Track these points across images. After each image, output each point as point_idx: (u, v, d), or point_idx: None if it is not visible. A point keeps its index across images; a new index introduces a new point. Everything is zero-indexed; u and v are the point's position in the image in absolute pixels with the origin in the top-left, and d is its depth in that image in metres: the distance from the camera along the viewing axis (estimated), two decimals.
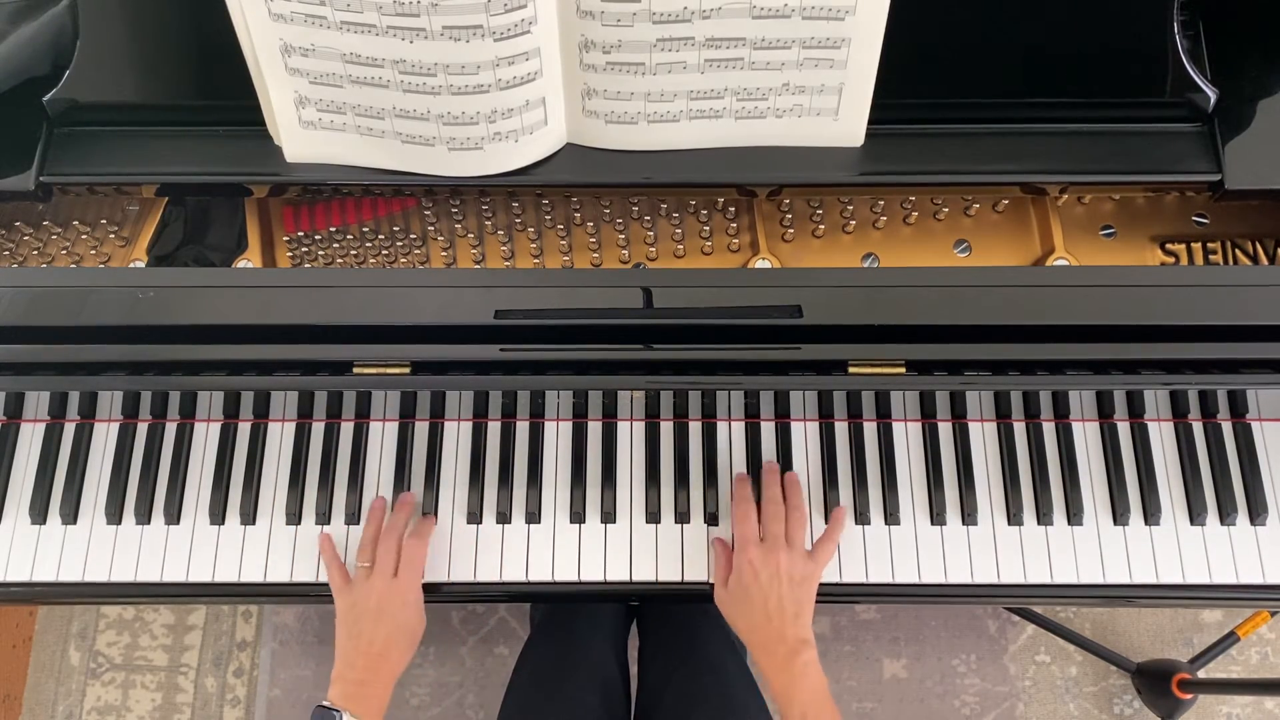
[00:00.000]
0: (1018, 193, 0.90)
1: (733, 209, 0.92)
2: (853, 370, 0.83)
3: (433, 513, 0.96)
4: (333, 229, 0.92)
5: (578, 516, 0.96)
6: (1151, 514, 0.94)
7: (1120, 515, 0.94)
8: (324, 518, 0.96)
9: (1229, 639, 1.59)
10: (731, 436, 0.98)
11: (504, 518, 0.96)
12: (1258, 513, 0.94)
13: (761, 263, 0.90)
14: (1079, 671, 1.70)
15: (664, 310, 0.80)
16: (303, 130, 0.81)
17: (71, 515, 0.97)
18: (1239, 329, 0.79)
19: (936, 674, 1.69)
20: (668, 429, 0.98)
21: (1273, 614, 1.61)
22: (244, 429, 1.00)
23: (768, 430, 0.98)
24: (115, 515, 0.97)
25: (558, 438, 0.98)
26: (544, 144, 0.81)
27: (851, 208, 0.91)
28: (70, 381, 0.94)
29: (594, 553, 0.95)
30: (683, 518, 0.95)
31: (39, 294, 0.81)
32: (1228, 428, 0.97)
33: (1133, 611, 1.70)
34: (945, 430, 0.98)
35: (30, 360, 0.84)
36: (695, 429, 0.98)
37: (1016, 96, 0.82)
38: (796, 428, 0.98)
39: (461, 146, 0.79)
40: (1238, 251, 0.90)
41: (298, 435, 0.99)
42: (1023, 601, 1.45)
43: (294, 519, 0.97)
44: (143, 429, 1.00)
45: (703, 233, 0.92)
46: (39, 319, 0.81)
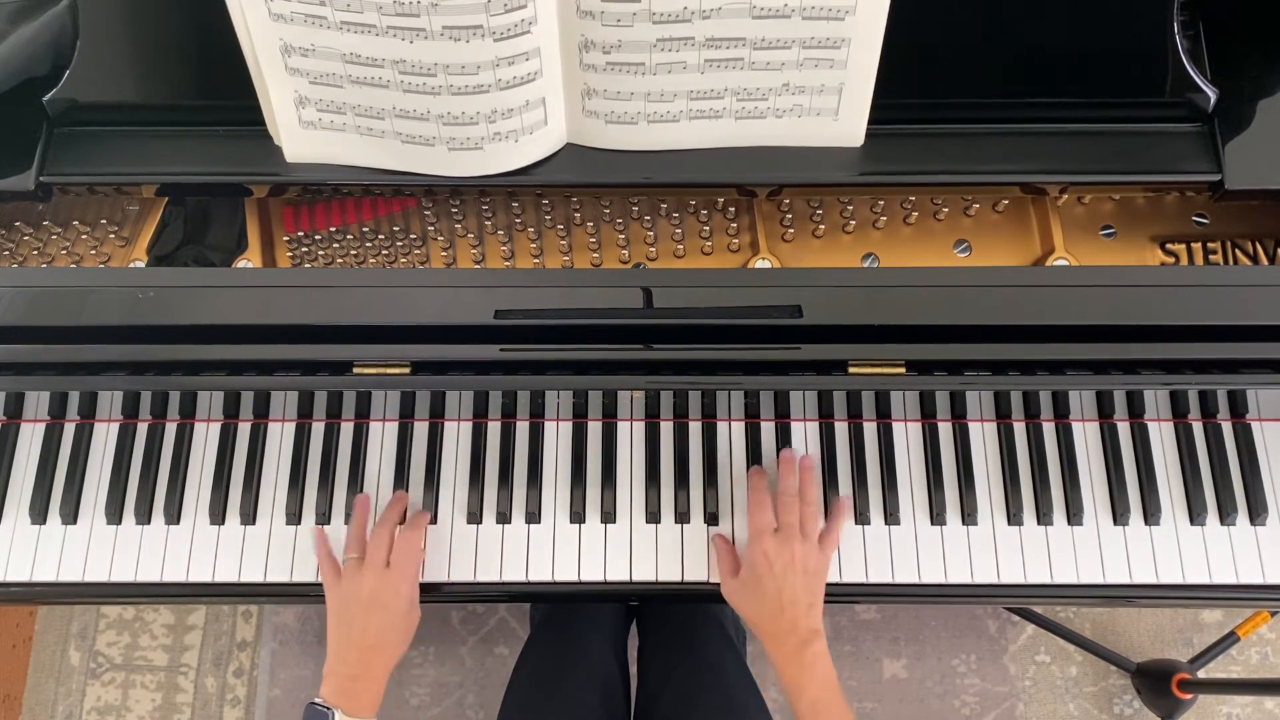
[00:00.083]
0: (1018, 193, 0.90)
1: (733, 209, 0.92)
2: (853, 370, 0.83)
3: (432, 512, 0.96)
4: (333, 229, 0.92)
5: (578, 516, 0.96)
6: (1151, 514, 0.94)
7: (1120, 515, 0.94)
8: (324, 518, 0.96)
9: (1229, 639, 1.59)
10: (731, 436, 0.98)
11: (504, 518, 0.96)
12: (1258, 513, 0.94)
13: (761, 263, 0.90)
14: (1079, 671, 1.70)
15: (664, 310, 0.80)
16: (303, 130, 0.81)
17: (71, 515, 0.97)
18: (1239, 329, 0.79)
19: (936, 674, 1.69)
20: (668, 429, 0.98)
21: (1273, 614, 1.61)
22: (244, 429, 1.00)
23: (768, 430, 0.98)
24: (115, 515, 0.97)
25: (558, 438, 0.98)
26: (544, 144, 0.81)
27: (851, 208, 0.91)
28: (70, 381, 0.94)
29: (594, 553, 0.95)
30: (683, 518, 0.95)
31: (39, 294, 0.81)
32: (1228, 428, 0.97)
33: (1133, 611, 1.70)
34: (945, 430, 0.98)
35: (30, 360, 0.84)
36: (695, 429, 0.98)
37: (1017, 96, 0.82)
38: (796, 428, 0.98)
39: (461, 146, 0.79)
40: (1238, 251, 0.90)
41: (298, 435, 0.99)
42: (1023, 601, 1.45)
43: (294, 519, 0.97)
44: (143, 429, 1.00)
45: (703, 233, 0.92)
46: (39, 319, 0.81)
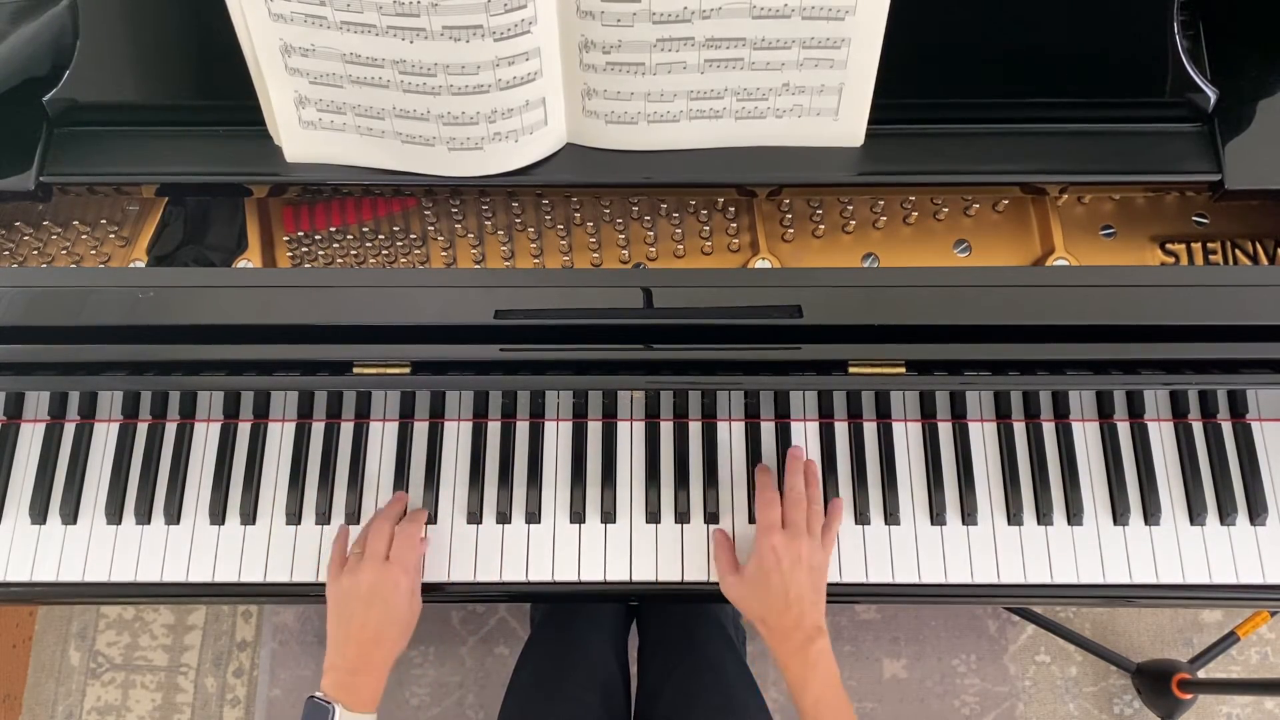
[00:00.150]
0: (1018, 193, 0.90)
1: (733, 209, 0.92)
2: (853, 370, 0.83)
3: (432, 512, 0.96)
4: (333, 229, 0.92)
5: (578, 516, 0.96)
6: (1151, 514, 0.94)
7: (1120, 515, 0.94)
8: (324, 518, 0.96)
9: (1229, 639, 1.59)
10: (732, 436, 0.98)
11: (504, 518, 0.96)
12: (1258, 513, 0.94)
13: (761, 263, 0.90)
14: (1079, 671, 1.70)
15: (664, 310, 0.80)
16: (303, 130, 0.81)
17: (71, 515, 0.97)
18: (1239, 329, 0.79)
19: (936, 674, 1.69)
20: (668, 429, 0.98)
21: (1273, 614, 1.61)
22: (244, 429, 1.00)
23: (768, 430, 0.98)
24: (115, 515, 0.97)
25: (558, 438, 0.98)
26: (544, 144, 0.81)
27: (851, 208, 0.91)
28: (70, 381, 0.94)
29: (594, 553, 0.95)
30: (683, 518, 0.95)
31: (39, 294, 0.81)
32: (1228, 428, 0.97)
33: (1133, 611, 1.70)
34: (945, 430, 0.98)
35: (30, 360, 0.84)
36: (695, 429, 0.98)
37: (1016, 96, 0.82)
38: (796, 428, 0.98)
39: (461, 146, 0.79)
40: (1238, 251, 0.90)
41: (298, 435, 0.99)
42: (1023, 601, 1.45)
43: (294, 519, 0.97)
44: (143, 429, 1.00)
45: (703, 233, 0.92)
46: (39, 319, 0.81)
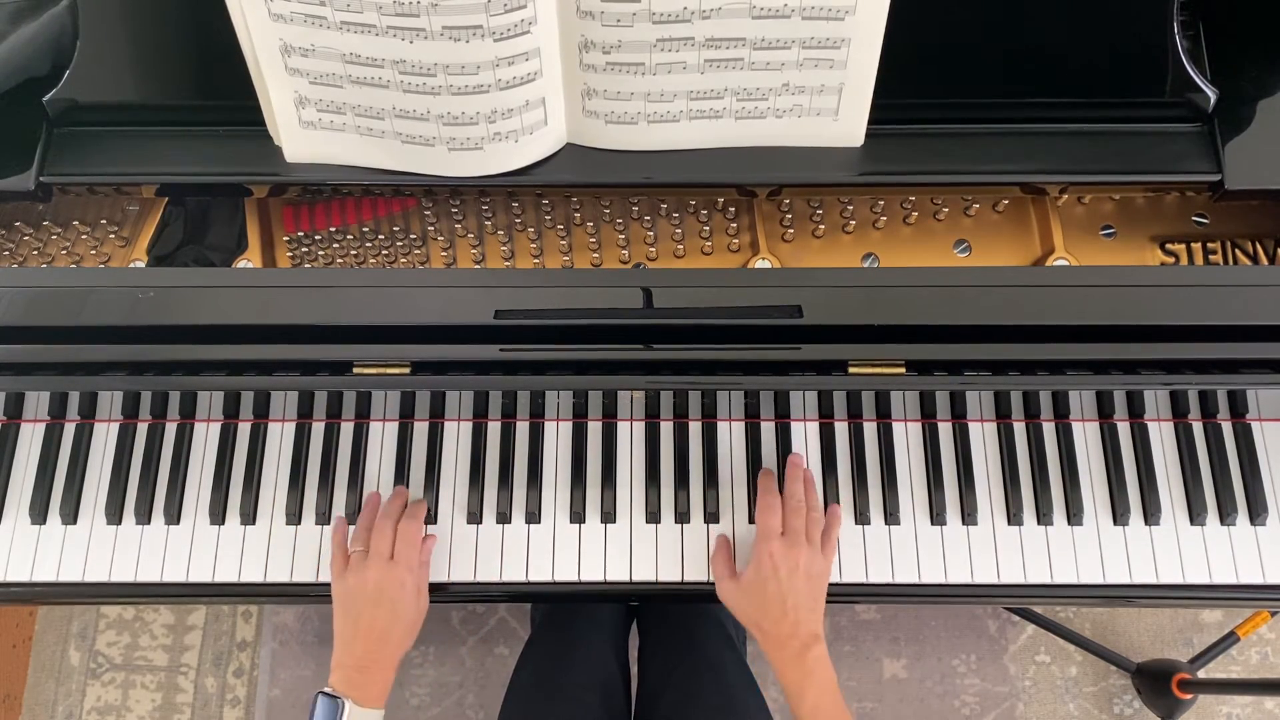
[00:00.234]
0: (1018, 193, 0.90)
1: (733, 209, 0.92)
2: (853, 370, 0.83)
3: (432, 513, 0.96)
4: (333, 229, 0.92)
5: (578, 516, 0.96)
6: (1151, 514, 0.94)
7: (1120, 515, 0.94)
8: (324, 518, 0.96)
9: (1229, 639, 1.59)
10: (731, 436, 0.98)
11: (504, 518, 0.96)
12: (1258, 513, 0.94)
13: (761, 263, 0.90)
14: (1079, 671, 1.70)
15: (664, 310, 0.80)
16: (303, 130, 0.81)
17: (71, 515, 0.97)
18: (1239, 329, 0.79)
19: (936, 674, 1.69)
20: (668, 429, 0.98)
21: (1273, 614, 1.61)
22: (244, 429, 1.00)
23: (768, 430, 0.98)
24: (115, 515, 0.97)
25: (558, 438, 0.98)
26: (544, 144, 0.81)
27: (851, 208, 0.91)
28: (70, 381, 0.94)
29: (594, 553, 0.95)
30: (683, 518, 0.95)
31: (39, 294, 0.81)
32: (1228, 428, 0.97)
33: (1133, 611, 1.70)
34: (945, 430, 0.98)
35: (30, 360, 0.84)
36: (695, 429, 0.98)
37: (1016, 97, 0.82)
38: (796, 428, 0.98)
39: (461, 147, 0.79)
40: (1238, 251, 0.90)
41: (298, 435, 0.99)
42: (1023, 601, 1.45)
43: (294, 519, 0.97)
44: (143, 429, 1.00)
45: (703, 233, 0.92)
46: (39, 319, 0.81)
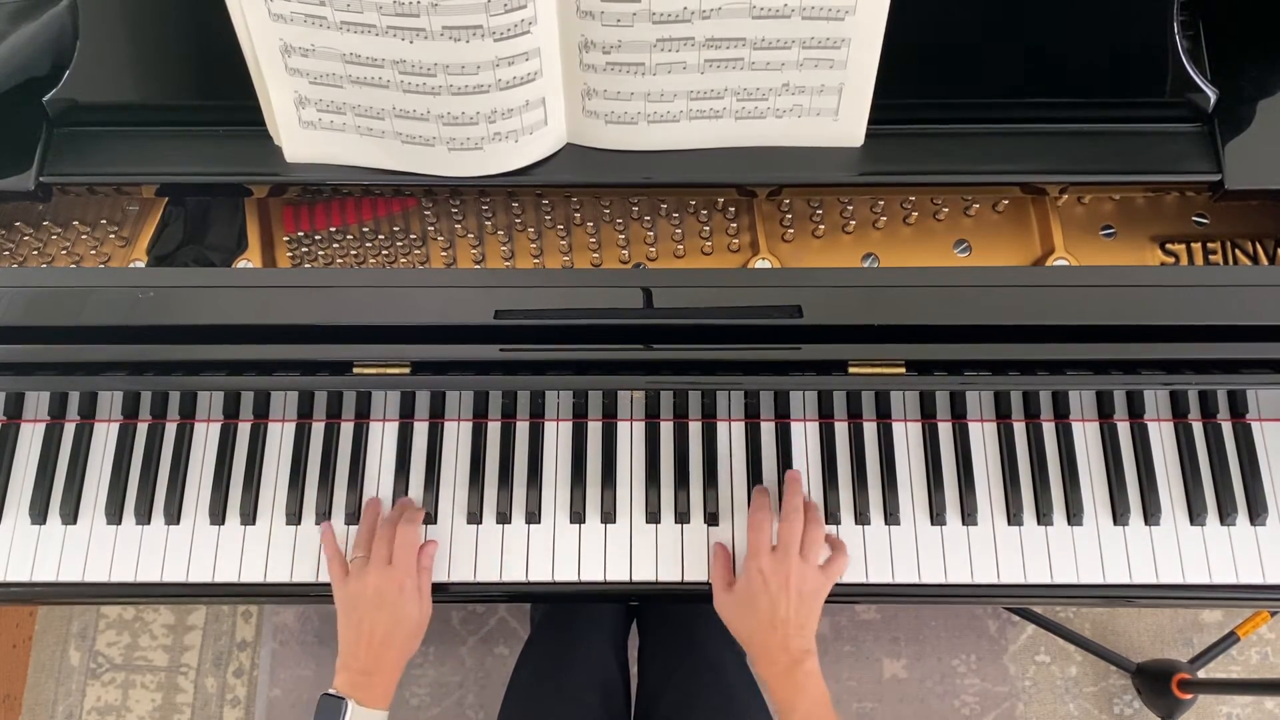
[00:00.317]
0: (1018, 193, 0.90)
1: (733, 209, 0.92)
2: (853, 370, 0.83)
3: (432, 512, 0.96)
4: (333, 229, 0.92)
5: (578, 516, 0.96)
6: (1151, 514, 0.94)
7: (1120, 515, 0.94)
8: (324, 518, 0.96)
9: (1229, 639, 1.59)
10: (731, 436, 0.98)
11: (504, 518, 0.96)
12: (1258, 513, 0.94)
13: (761, 263, 0.90)
14: (1079, 671, 1.70)
15: (664, 310, 0.80)
16: (303, 130, 0.81)
17: (71, 515, 0.97)
18: (1239, 329, 0.79)
19: (936, 674, 1.69)
20: (668, 429, 0.98)
21: (1273, 614, 1.61)
22: (244, 429, 1.00)
23: (768, 430, 0.98)
24: (115, 515, 0.97)
25: (558, 438, 0.98)
26: (544, 144, 0.81)
27: (851, 208, 0.91)
28: (70, 381, 0.94)
29: (594, 553, 0.95)
30: (683, 518, 0.95)
31: (39, 294, 0.81)
32: (1228, 428, 0.97)
33: (1133, 611, 1.70)
34: (945, 430, 0.98)
35: (30, 360, 0.84)
36: (695, 429, 0.98)
37: (1016, 96, 0.82)
38: (796, 428, 0.98)
39: (461, 147, 0.79)
40: (1238, 251, 0.90)
41: (298, 435, 0.99)
42: (1023, 601, 1.45)
43: (294, 519, 0.97)
44: (143, 429, 1.00)
45: (703, 233, 0.92)
46: (39, 319, 0.81)
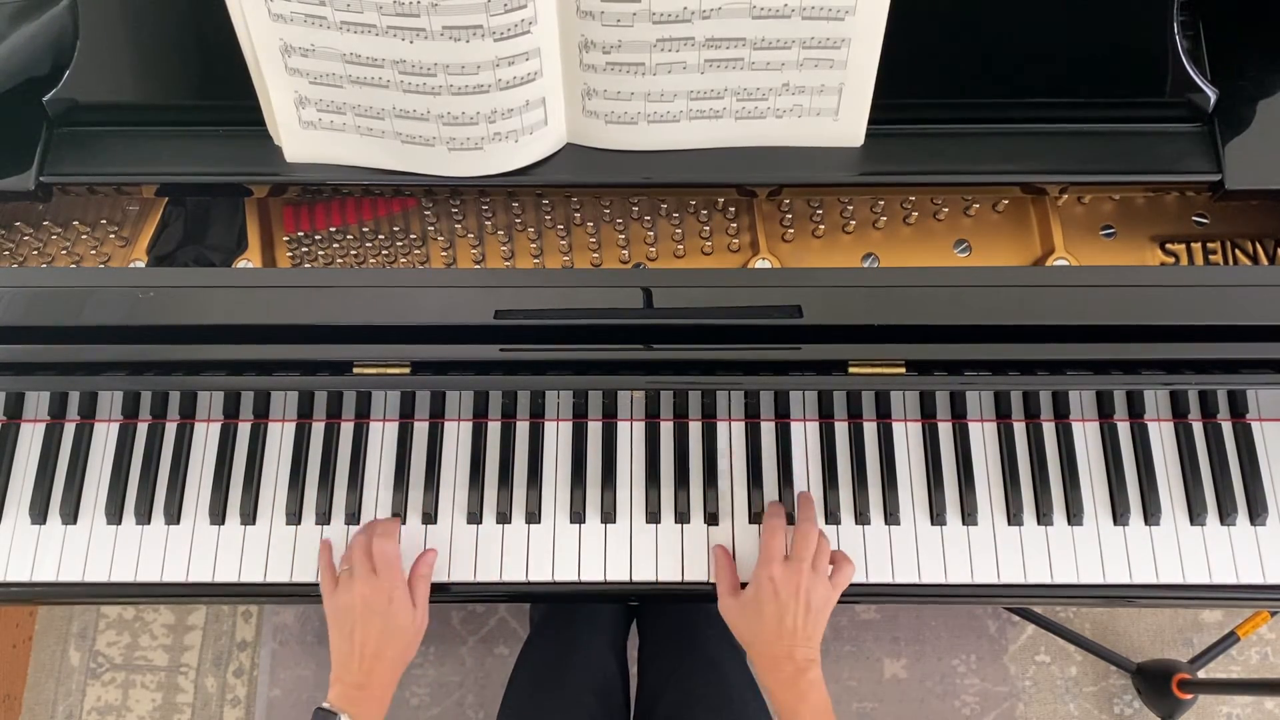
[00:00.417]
0: (1018, 193, 0.90)
1: (733, 209, 0.92)
2: (853, 370, 0.83)
3: (433, 512, 0.96)
4: (333, 229, 0.92)
5: (578, 516, 0.96)
6: (1151, 514, 0.94)
7: (1120, 515, 0.94)
8: (324, 518, 0.96)
9: (1229, 639, 1.59)
10: (731, 436, 0.98)
11: (504, 518, 0.96)
12: (1258, 513, 0.94)
13: (761, 263, 0.90)
14: (1079, 671, 1.70)
15: (664, 310, 0.80)
16: (303, 130, 0.81)
17: (71, 515, 0.97)
18: (1239, 329, 0.79)
19: (936, 674, 1.69)
20: (668, 429, 0.98)
21: (1273, 614, 1.61)
22: (244, 429, 1.00)
23: (768, 430, 0.98)
24: (115, 515, 0.97)
25: (558, 438, 0.98)
26: (544, 144, 0.81)
27: (851, 208, 0.91)
28: (70, 381, 0.94)
29: (594, 553, 0.95)
30: (683, 518, 0.95)
31: (39, 294, 0.81)
32: (1228, 428, 0.97)
33: (1133, 611, 1.70)
34: (945, 430, 0.98)
35: (30, 360, 0.84)
36: (695, 429, 0.98)
37: (1016, 96, 0.82)
38: (796, 428, 0.98)
39: (461, 147, 0.79)
40: (1238, 251, 0.90)
41: (298, 435, 0.99)
42: (1023, 601, 1.45)
43: (294, 519, 0.97)
44: (143, 429, 1.00)
45: (703, 233, 0.92)
46: (39, 319, 0.81)
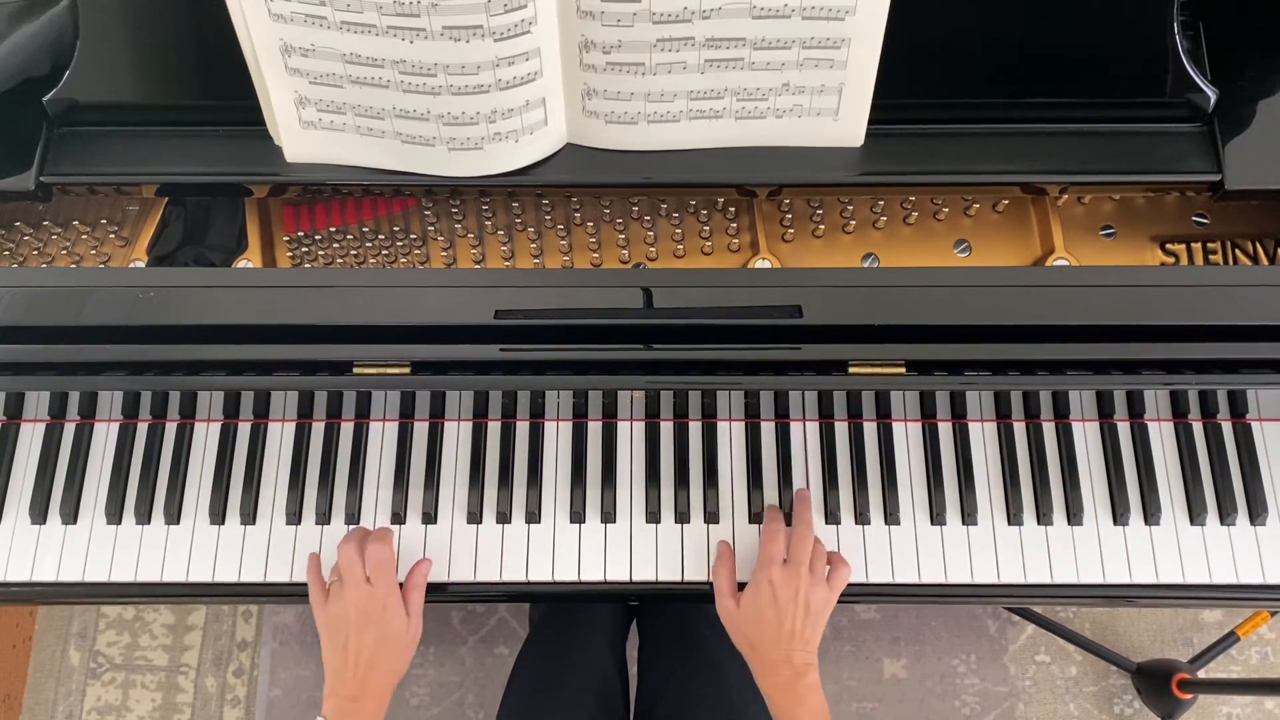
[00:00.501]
0: (1018, 193, 0.90)
1: (733, 209, 0.92)
2: (853, 370, 0.83)
3: (433, 512, 0.96)
4: (333, 229, 0.92)
5: (578, 516, 0.96)
6: (1151, 514, 0.94)
7: (1120, 515, 0.94)
8: (324, 518, 0.96)
9: (1229, 639, 1.59)
10: (731, 436, 0.98)
11: (504, 518, 0.96)
12: (1258, 513, 0.94)
13: (761, 263, 0.90)
14: (1079, 671, 1.70)
15: (664, 310, 0.80)
16: (303, 130, 0.81)
17: (71, 515, 0.97)
18: (1239, 329, 0.79)
19: (936, 674, 1.69)
20: (668, 429, 0.98)
21: (1273, 614, 1.61)
22: (244, 429, 1.00)
23: (768, 430, 0.98)
24: (115, 515, 0.97)
25: (558, 438, 0.98)
26: (544, 144, 0.81)
27: (851, 208, 0.91)
28: (70, 381, 0.94)
29: (594, 553, 0.95)
30: (683, 517, 0.95)
31: (39, 294, 0.81)
32: (1228, 428, 0.97)
33: (1133, 611, 1.70)
34: (945, 430, 0.98)
35: (30, 360, 0.84)
36: (695, 429, 0.98)
37: (1016, 96, 0.82)
38: (796, 428, 0.98)
39: (461, 146, 0.79)
40: (1238, 251, 0.90)
41: (298, 435, 0.99)
42: (1023, 601, 1.45)
43: (294, 519, 0.97)
44: (143, 429, 1.00)
45: (703, 233, 0.92)
46: (39, 319, 0.81)
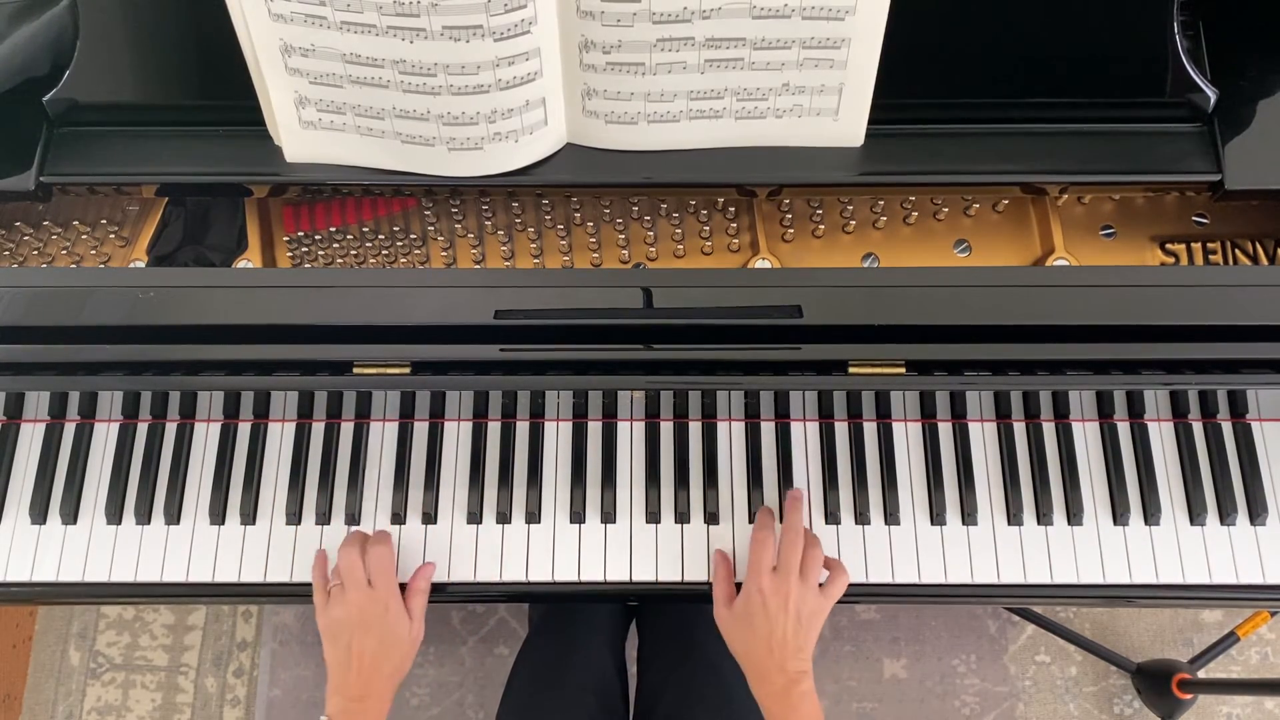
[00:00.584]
0: (1018, 193, 0.90)
1: (733, 209, 0.92)
2: (853, 370, 0.83)
3: (433, 512, 0.96)
4: (333, 229, 0.92)
5: (578, 516, 0.96)
6: (1151, 514, 0.94)
7: (1120, 515, 0.94)
8: (324, 518, 0.96)
9: (1229, 639, 1.59)
10: (731, 436, 0.98)
11: (504, 518, 0.96)
12: (1258, 513, 0.94)
13: (761, 263, 0.90)
14: (1079, 671, 1.70)
15: (664, 310, 0.80)
16: (303, 130, 0.81)
17: (71, 515, 0.97)
18: (1239, 329, 0.79)
19: (936, 674, 1.69)
20: (668, 429, 0.98)
21: (1273, 614, 1.61)
22: (244, 429, 1.00)
23: (768, 430, 0.98)
24: (115, 515, 0.97)
25: (558, 438, 0.98)
26: (544, 144, 0.81)
27: (851, 208, 0.91)
28: (70, 381, 0.94)
29: (594, 553, 0.95)
30: (683, 518, 0.95)
31: (39, 294, 0.81)
32: (1228, 428, 0.97)
33: (1133, 611, 1.70)
34: (945, 430, 0.98)
35: (30, 360, 0.84)
36: (695, 429, 0.98)
37: (1016, 96, 0.82)
38: (796, 428, 0.98)
39: (461, 146, 0.79)
40: (1238, 251, 0.90)
41: (298, 435, 0.99)
42: (1023, 601, 1.45)
43: (294, 519, 0.97)
44: (143, 429, 1.00)
45: (703, 233, 0.92)
46: (39, 319, 0.81)
